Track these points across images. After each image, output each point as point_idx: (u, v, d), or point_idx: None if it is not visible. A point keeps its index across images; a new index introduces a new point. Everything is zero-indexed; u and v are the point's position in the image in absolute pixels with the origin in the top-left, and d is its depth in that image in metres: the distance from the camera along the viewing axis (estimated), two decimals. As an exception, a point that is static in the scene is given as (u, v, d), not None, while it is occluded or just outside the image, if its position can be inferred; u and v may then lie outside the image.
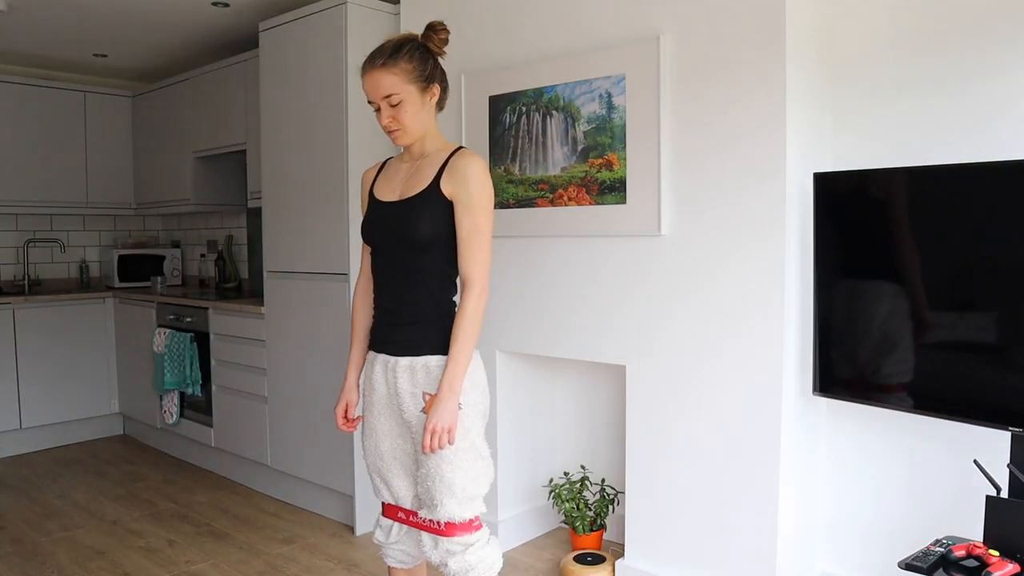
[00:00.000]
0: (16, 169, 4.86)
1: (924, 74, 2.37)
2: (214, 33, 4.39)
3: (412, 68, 1.91)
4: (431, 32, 1.95)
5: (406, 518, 2.09)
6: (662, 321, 2.65)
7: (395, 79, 1.89)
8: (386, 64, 1.89)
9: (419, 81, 1.92)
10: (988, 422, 2.02)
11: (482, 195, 1.90)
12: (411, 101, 1.92)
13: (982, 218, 2.02)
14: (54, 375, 4.80)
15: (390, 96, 1.90)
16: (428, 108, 1.96)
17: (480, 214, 1.90)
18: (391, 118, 1.92)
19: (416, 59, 1.92)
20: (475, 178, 1.90)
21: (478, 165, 1.91)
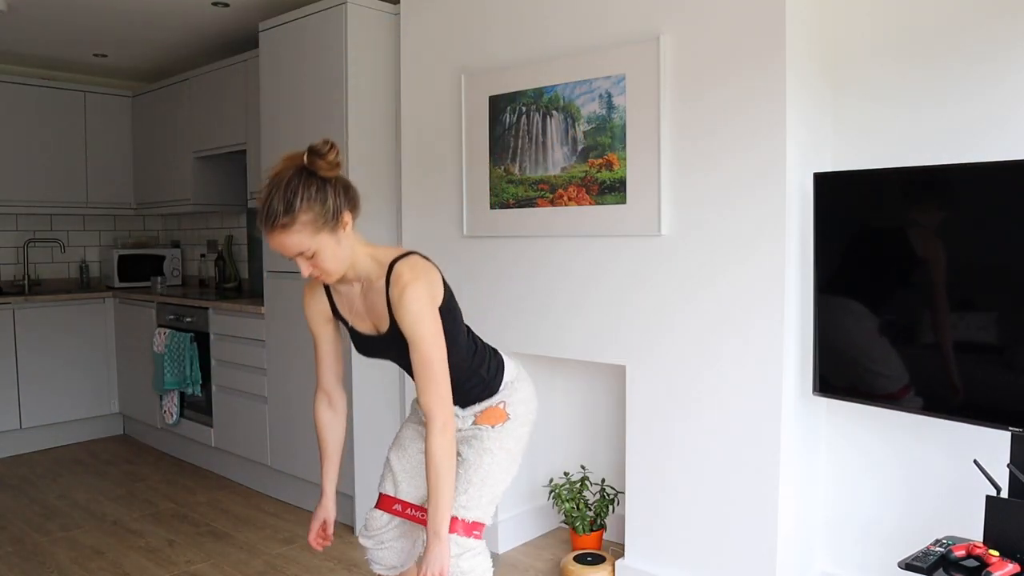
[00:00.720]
0: (16, 169, 4.86)
1: (924, 74, 2.37)
2: (214, 33, 4.39)
3: (315, 216, 1.72)
4: (316, 157, 1.73)
5: (402, 511, 2.08)
6: (662, 321, 2.65)
7: (300, 236, 1.72)
8: (286, 225, 1.70)
9: (327, 225, 1.74)
10: (988, 422, 2.02)
11: (420, 327, 1.78)
12: (326, 248, 1.75)
13: (982, 218, 2.02)
14: (54, 375, 4.80)
15: (302, 252, 1.74)
16: (345, 239, 1.79)
17: (425, 346, 1.78)
18: (311, 267, 1.78)
19: (315, 203, 1.72)
20: (408, 313, 1.77)
21: (408, 296, 1.77)
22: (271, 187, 1.74)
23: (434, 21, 3.26)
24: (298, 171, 1.74)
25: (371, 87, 3.42)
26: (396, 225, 3.53)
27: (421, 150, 3.34)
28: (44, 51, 4.76)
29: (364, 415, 3.42)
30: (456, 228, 3.21)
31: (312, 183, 1.73)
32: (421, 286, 1.79)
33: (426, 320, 1.78)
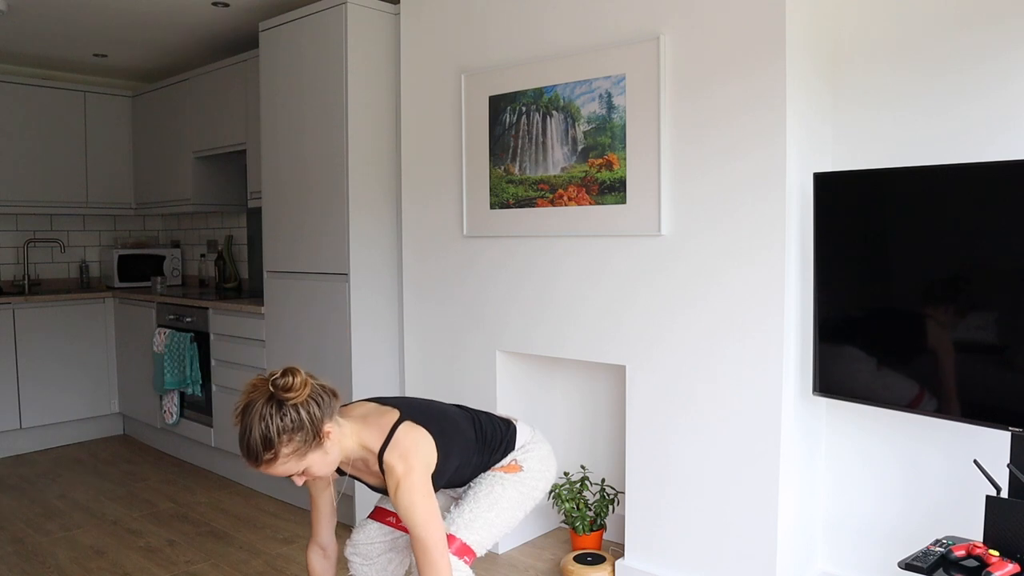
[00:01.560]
0: (16, 169, 4.86)
1: (924, 75, 2.37)
2: (214, 33, 4.39)
3: (296, 444, 1.73)
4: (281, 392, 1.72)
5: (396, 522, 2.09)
6: (662, 321, 2.65)
7: (287, 464, 1.74)
8: (270, 461, 1.73)
9: (310, 444, 1.75)
10: (988, 422, 2.02)
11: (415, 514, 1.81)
12: (315, 462, 1.78)
13: (982, 218, 2.02)
14: (54, 375, 4.80)
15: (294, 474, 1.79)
16: (331, 446, 1.81)
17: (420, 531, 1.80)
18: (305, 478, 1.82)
19: (294, 432, 1.72)
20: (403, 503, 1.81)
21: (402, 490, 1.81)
22: (245, 423, 1.72)
23: (434, 21, 3.26)
24: (267, 401, 1.72)
25: (371, 87, 3.42)
26: (396, 225, 3.53)
27: (421, 150, 3.34)
28: (44, 51, 4.76)
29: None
30: (456, 228, 3.21)
31: (285, 413, 1.71)
32: (413, 475, 1.82)
33: (419, 508, 1.81)
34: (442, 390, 3.29)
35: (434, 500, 1.85)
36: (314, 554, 2.11)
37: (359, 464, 1.95)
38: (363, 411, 1.94)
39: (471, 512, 1.98)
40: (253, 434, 1.70)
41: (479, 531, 1.97)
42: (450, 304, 3.26)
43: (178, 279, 5.52)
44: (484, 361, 3.17)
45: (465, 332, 3.22)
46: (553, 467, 2.18)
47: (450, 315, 3.27)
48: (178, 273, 5.52)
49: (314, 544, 2.11)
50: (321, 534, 2.09)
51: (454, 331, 3.26)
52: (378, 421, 1.90)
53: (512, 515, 2.06)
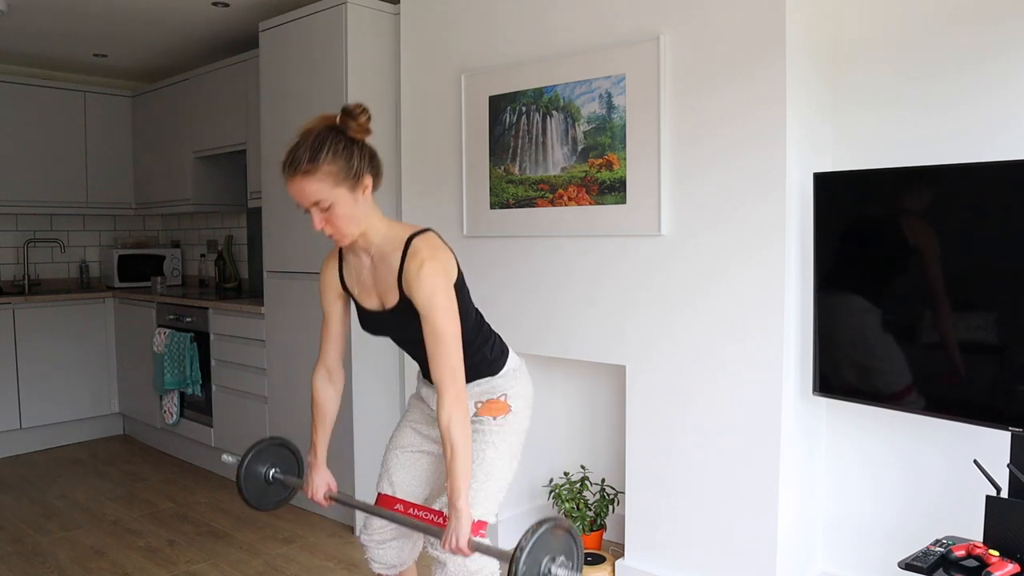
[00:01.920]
0: (16, 169, 4.86)
1: (924, 75, 2.37)
2: (214, 33, 4.39)
3: (337, 170, 1.76)
4: (348, 118, 1.80)
5: (404, 510, 2.08)
6: (662, 321, 2.65)
7: (321, 185, 1.76)
8: (308, 171, 1.75)
9: (347, 180, 1.78)
10: (988, 422, 2.02)
11: (436, 300, 1.80)
12: (342, 203, 1.79)
13: (982, 218, 2.02)
14: (54, 375, 4.80)
15: (318, 203, 1.78)
16: (363, 202, 1.83)
17: (438, 318, 1.80)
18: (324, 222, 1.81)
19: (340, 157, 1.77)
20: (425, 285, 1.80)
21: (426, 270, 1.80)
22: (300, 138, 1.79)
23: (434, 21, 3.26)
24: (329, 128, 1.80)
25: (371, 87, 3.42)
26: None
27: (421, 150, 3.34)
28: (44, 51, 4.76)
29: (364, 415, 3.42)
30: (456, 228, 3.21)
31: (340, 140, 1.78)
32: (438, 262, 1.82)
33: (441, 294, 1.81)
34: (442, 390, 3.29)
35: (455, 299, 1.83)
36: (320, 377, 2.09)
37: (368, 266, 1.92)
38: None
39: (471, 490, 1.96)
40: (304, 145, 1.76)
41: (484, 503, 1.96)
42: (450, 304, 3.26)
43: (178, 279, 5.52)
44: (484, 361, 3.16)
45: (465, 332, 3.22)
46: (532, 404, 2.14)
47: (450, 315, 3.26)
48: (178, 273, 5.52)
49: (321, 366, 2.08)
50: (329, 355, 2.07)
51: (454, 331, 3.26)
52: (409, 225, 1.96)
53: (508, 470, 2.02)
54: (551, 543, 1.67)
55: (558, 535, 1.68)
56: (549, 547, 1.66)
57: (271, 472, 2.26)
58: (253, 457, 2.22)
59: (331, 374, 2.09)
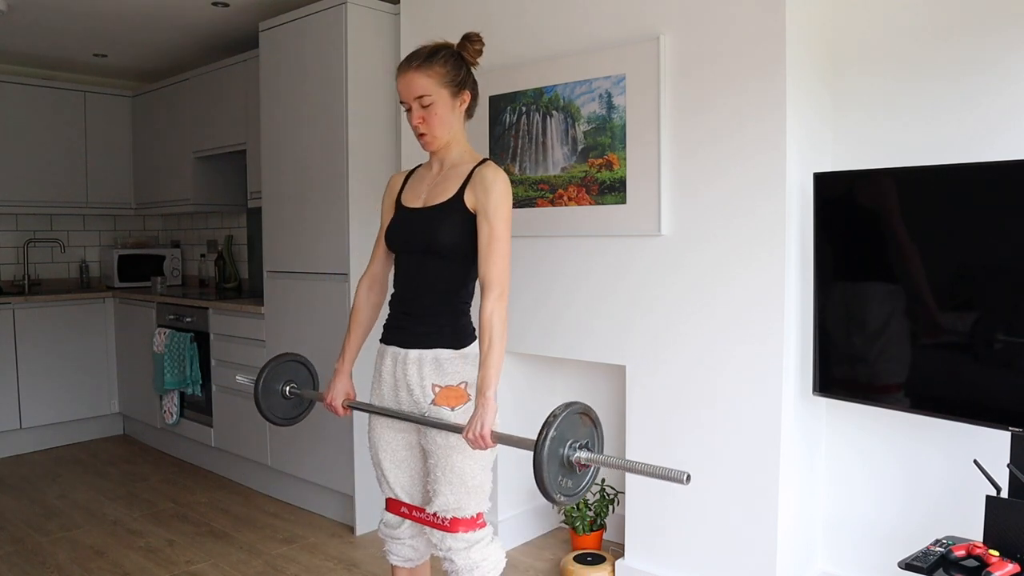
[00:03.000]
0: (16, 169, 4.86)
1: (925, 76, 2.37)
2: (214, 33, 4.39)
3: (446, 72, 1.97)
4: (467, 42, 2.02)
5: (409, 513, 2.09)
6: (662, 321, 2.65)
7: (429, 81, 1.95)
8: (421, 66, 1.95)
9: (451, 85, 1.98)
10: (988, 422, 2.02)
11: (502, 207, 1.95)
12: (442, 104, 1.97)
13: (982, 218, 2.02)
14: (54, 375, 4.80)
15: (422, 97, 1.96)
16: (457, 114, 2.02)
17: (499, 223, 1.94)
18: (421, 119, 1.98)
19: (450, 64, 1.98)
20: (496, 190, 1.94)
21: (501, 178, 1.96)
22: (423, 45, 2.01)
23: (434, 21, 3.26)
24: (448, 45, 2.02)
25: (371, 87, 3.42)
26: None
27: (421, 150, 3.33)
28: (44, 51, 4.76)
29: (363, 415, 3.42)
30: (456, 228, 3.20)
31: (454, 55, 2.00)
32: (508, 186, 1.98)
33: (507, 205, 1.96)
34: (442, 390, 3.29)
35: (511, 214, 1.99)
36: (363, 285, 2.21)
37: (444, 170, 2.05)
38: None
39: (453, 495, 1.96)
40: (425, 48, 1.99)
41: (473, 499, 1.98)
42: (450, 304, 3.26)
43: (178, 279, 5.52)
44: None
45: (465, 332, 3.22)
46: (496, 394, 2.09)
47: (450, 315, 3.26)
48: (178, 273, 5.52)
49: (366, 276, 2.21)
50: (375, 266, 2.20)
51: (454, 331, 3.26)
52: None
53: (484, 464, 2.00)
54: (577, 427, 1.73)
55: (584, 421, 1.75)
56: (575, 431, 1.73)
57: (287, 388, 2.30)
58: (269, 373, 2.25)
59: (375, 283, 2.20)
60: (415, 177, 2.15)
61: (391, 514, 2.14)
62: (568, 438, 1.71)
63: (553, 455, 1.68)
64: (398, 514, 2.12)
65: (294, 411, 2.36)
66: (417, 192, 2.09)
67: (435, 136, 2.00)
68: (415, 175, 2.15)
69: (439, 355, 2.00)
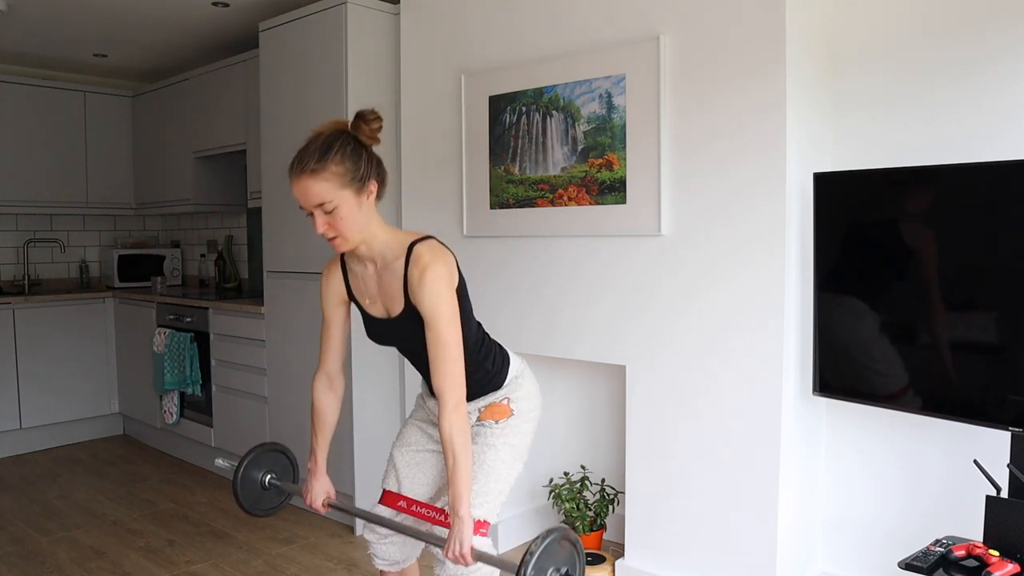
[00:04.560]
0: (16, 169, 4.86)
1: (925, 76, 2.37)
2: (214, 33, 4.39)
3: (344, 171, 1.76)
4: (361, 122, 1.81)
5: (407, 507, 2.08)
6: (662, 321, 2.65)
7: (326, 185, 1.75)
8: (315, 170, 1.74)
9: (353, 184, 1.77)
10: (988, 422, 2.02)
11: (439, 307, 1.80)
12: (346, 206, 1.77)
13: (982, 218, 2.02)
14: (54, 375, 4.80)
15: (322, 204, 1.76)
16: (366, 208, 1.82)
17: (440, 324, 1.80)
18: (327, 225, 1.79)
19: (348, 159, 1.77)
20: (429, 291, 1.79)
21: (431, 273, 1.80)
22: (311, 139, 1.81)
23: (434, 21, 3.26)
24: (339, 131, 1.82)
25: (371, 87, 3.42)
26: (396, 225, 3.53)
27: (421, 150, 3.34)
28: (44, 51, 4.76)
29: (364, 414, 3.42)
30: (456, 228, 3.21)
31: (350, 143, 1.80)
32: (441, 267, 1.82)
33: (444, 300, 1.81)
34: (442, 390, 3.29)
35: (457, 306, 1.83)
36: (320, 383, 2.07)
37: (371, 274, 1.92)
38: None
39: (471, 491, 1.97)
40: (313, 144, 1.77)
41: (486, 504, 1.96)
42: (450, 304, 3.26)
43: (178, 279, 5.52)
44: (484, 361, 3.16)
45: (465, 332, 3.22)
46: (540, 405, 2.12)
47: (450, 315, 3.26)
48: (178, 273, 5.52)
49: (321, 373, 2.07)
50: (328, 361, 2.06)
51: (454, 331, 3.26)
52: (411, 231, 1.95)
53: (510, 471, 2.02)
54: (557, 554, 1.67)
55: (564, 546, 1.69)
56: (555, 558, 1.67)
57: (267, 478, 2.25)
58: (249, 462, 2.22)
59: (332, 381, 2.08)
60: (353, 275, 1.98)
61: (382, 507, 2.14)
62: (548, 566, 1.66)
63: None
64: (394, 507, 2.11)
65: (272, 502, 2.30)
66: (368, 295, 1.96)
67: (346, 239, 1.82)
68: (351, 272, 1.99)
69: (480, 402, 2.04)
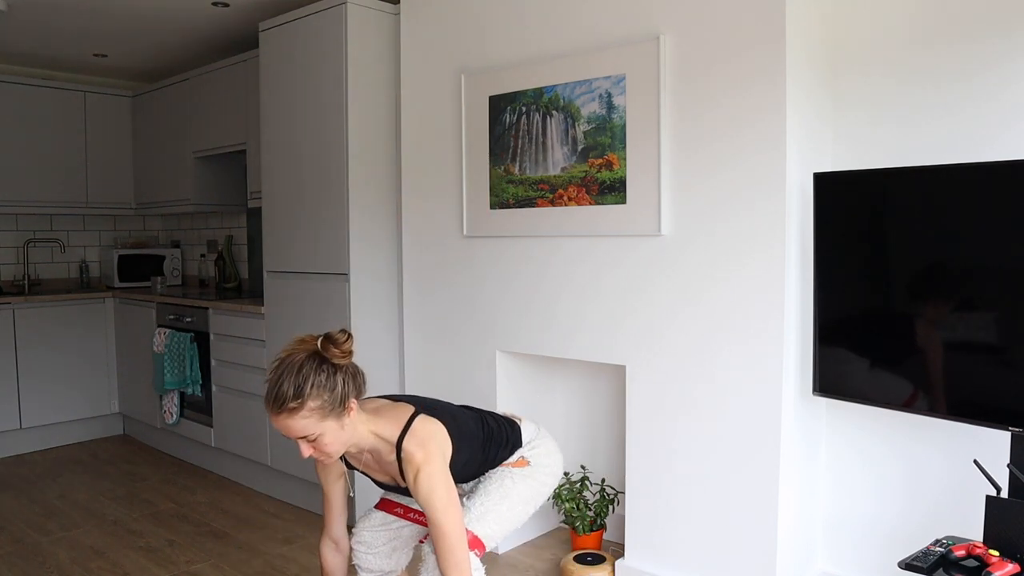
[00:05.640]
0: (16, 169, 4.85)
1: (925, 76, 2.37)
2: (214, 33, 4.39)
3: (322, 403, 1.75)
4: (331, 345, 1.78)
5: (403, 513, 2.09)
6: (662, 321, 2.65)
7: (307, 422, 1.75)
8: (294, 410, 1.73)
9: (333, 412, 1.77)
10: (988, 422, 2.02)
11: (434, 499, 1.81)
12: (330, 433, 1.79)
13: (982, 218, 2.02)
14: (54, 375, 4.80)
15: (306, 436, 1.78)
16: (349, 425, 1.82)
17: (438, 513, 1.80)
18: (312, 450, 1.81)
19: (324, 390, 1.75)
20: (422, 490, 1.82)
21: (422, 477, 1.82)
22: (281, 369, 1.76)
23: (434, 21, 3.26)
24: (310, 356, 1.77)
25: (371, 87, 3.42)
26: (396, 225, 3.53)
27: (421, 150, 3.34)
28: (44, 51, 4.76)
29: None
30: (456, 228, 3.21)
31: (323, 370, 1.76)
32: (433, 463, 1.82)
33: (438, 493, 1.81)
34: (442, 390, 3.29)
35: (454, 489, 1.84)
36: (326, 548, 2.12)
37: (368, 459, 1.96)
38: (375, 405, 1.95)
39: (482, 505, 1.98)
40: (287, 379, 1.73)
41: (490, 524, 1.98)
42: (450, 304, 3.26)
43: (178, 279, 5.52)
44: (484, 361, 3.17)
45: (465, 332, 3.22)
46: (560, 461, 2.18)
47: (450, 315, 3.27)
48: (178, 273, 5.52)
49: (326, 538, 2.11)
50: (333, 527, 2.10)
51: (454, 331, 3.26)
52: (393, 414, 1.91)
53: (523, 509, 2.05)
54: None
55: None
56: None
57: None
58: None
59: (337, 544, 2.12)
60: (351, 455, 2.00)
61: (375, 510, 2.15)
62: None
63: None
64: (390, 512, 2.12)
65: None
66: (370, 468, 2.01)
67: (331, 455, 1.85)
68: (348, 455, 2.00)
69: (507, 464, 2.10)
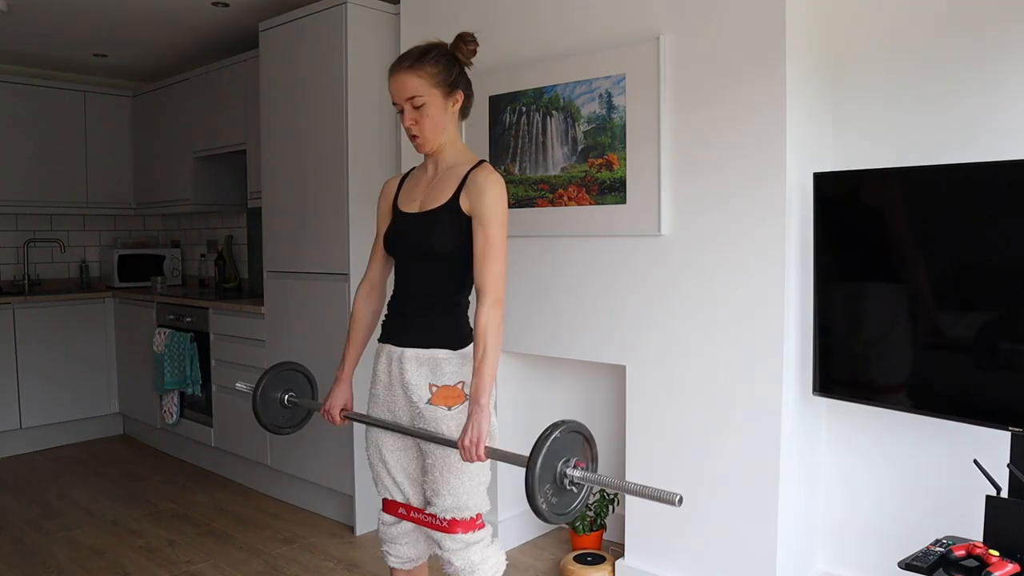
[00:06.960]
0: (16, 169, 4.86)
1: (925, 76, 2.37)
2: (214, 33, 4.39)
3: (437, 72, 1.95)
4: (460, 42, 1.99)
5: (407, 514, 2.09)
6: (662, 321, 2.65)
7: (420, 82, 1.94)
8: (412, 67, 1.94)
9: (443, 86, 1.96)
10: (988, 422, 2.02)
11: (496, 211, 1.92)
12: (434, 105, 1.95)
13: (981, 218, 2.02)
14: (54, 375, 4.80)
15: (413, 98, 1.94)
16: (451, 114, 1.99)
17: (494, 228, 1.91)
18: (413, 120, 1.96)
19: (442, 64, 1.96)
20: (491, 194, 1.92)
21: (495, 182, 1.94)
22: (415, 46, 2.00)
23: (434, 21, 3.26)
24: (442, 44, 2.00)
25: (371, 87, 3.42)
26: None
27: (421, 150, 3.34)
28: (44, 51, 4.76)
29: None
30: (456, 228, 3.21)
31: (447, 54, 1.98)
32: (503, 189, 1.95)
33: (500, 209, 1.93)
34: (442, 390, 3.29)
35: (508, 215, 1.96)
36: (362, 291, 2.20)
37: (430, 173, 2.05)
38: None
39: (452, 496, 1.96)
40: (417, 48, 1.97)
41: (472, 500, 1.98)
42: (450, 304, 3.26)
43: (178, 279, 5.52)
44: (484, 361, 3.16)
45: (465, 332, 3.22)
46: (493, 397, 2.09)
47: (450, 315, 3.26)
48: (178, 273, 5.52)
49: (365, 282, 2.20)
50: (373, 271, 2.19)
51: (454, 331, 3.25)
52: None
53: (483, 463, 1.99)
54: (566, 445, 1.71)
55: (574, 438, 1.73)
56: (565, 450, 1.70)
57: (286, 396, 2.31)
58: (268, 382, 2.27)
59: (373, 290, 2.19)
60: (410, 180, 2.12)
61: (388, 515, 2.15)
62: (563, 455, 1.69)
63: (546, 473, 1.65)
64: (396, 515, 2.12)
65: (292, 420, 2.36)
66: (413, 196, 2.07)
67: (427, 138, 1.98)
68: (410, 178, 2.13)
69: (436, 355, 2.00)
